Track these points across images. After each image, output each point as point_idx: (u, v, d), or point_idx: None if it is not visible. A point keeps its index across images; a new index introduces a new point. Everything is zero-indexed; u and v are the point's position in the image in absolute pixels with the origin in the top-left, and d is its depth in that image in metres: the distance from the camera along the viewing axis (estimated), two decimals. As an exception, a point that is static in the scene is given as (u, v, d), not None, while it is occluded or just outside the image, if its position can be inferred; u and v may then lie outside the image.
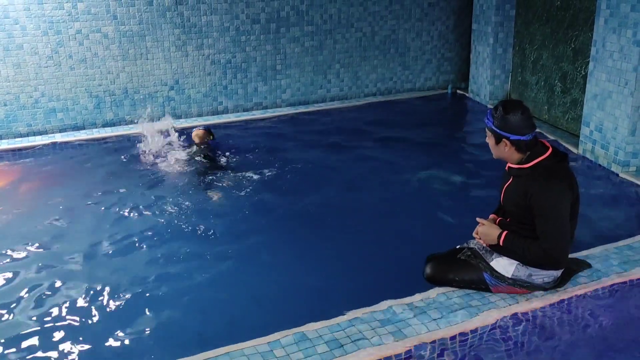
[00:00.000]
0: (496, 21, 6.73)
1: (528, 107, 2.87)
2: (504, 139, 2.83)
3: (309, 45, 6.96)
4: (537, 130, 5.57)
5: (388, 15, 7.22)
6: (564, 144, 5.54)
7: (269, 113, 6.81)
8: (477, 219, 3.08)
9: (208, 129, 5.78)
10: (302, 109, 6.94)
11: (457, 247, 3.28)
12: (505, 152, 2.88)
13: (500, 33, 6.79)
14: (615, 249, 3.52)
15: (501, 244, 2.95)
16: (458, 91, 7.69)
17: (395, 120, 6.61)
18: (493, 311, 2.93)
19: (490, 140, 2.93)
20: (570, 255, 3.27)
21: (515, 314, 2.93)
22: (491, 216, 3.18)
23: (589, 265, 3.28)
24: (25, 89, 5.92)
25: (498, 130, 2.82)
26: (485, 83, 7.07)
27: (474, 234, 3.09)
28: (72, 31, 5.92)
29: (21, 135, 6.00)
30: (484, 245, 3.09)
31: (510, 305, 2.98)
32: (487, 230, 3.00)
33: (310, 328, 2.85)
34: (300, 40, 6.89)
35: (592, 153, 5.15)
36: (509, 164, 2.96)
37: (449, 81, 7.84)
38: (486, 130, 2.93)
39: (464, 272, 3.10)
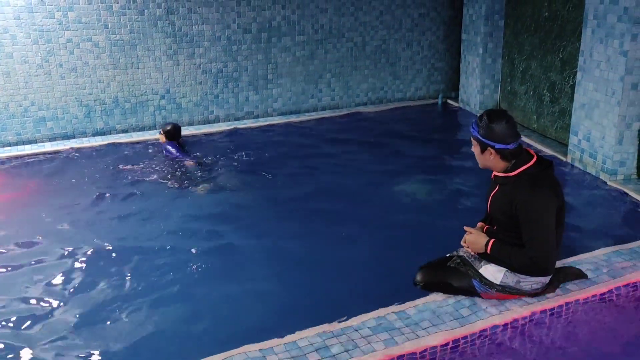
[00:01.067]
0: (485, 31, 6.81)
1: (512, 117, 2.91)
2: (489, 148, 2.86)
3: (300, 55, 6.99)
4: (526, 139, 5.58)
5: (379, 25, 7.28)
6: (553, 152, 5.59)
7: (260, 122, 6.82)
8: (465, 228, 3.11)
9: (166, 129, 5.74)
10: (293, 118, 6.96)
11: (447, 255, 3.30)
12: (490, 160, 2.91)
13: (489, 43, 6.86)
14: (604, 256, 3.55)
15: (488, 252, 2.97)
16: (448, 101, 7.75)
17: (386, 129, 6.64)
18: (484, 319, 2.95)
19: (475, 149, 2.96)
20: (560, 263, 3.30)
21: (506, 321, 2.94)
22: (479, 224, 3.20)
23: (585, 276, 3.29)
24: (15, 98, 5.89)
25: (483, 139, 2.86)
26: (475, 92, 7.13)
27: (462, 242, 3.11)
28: (62, 40, 5.91)
29: (10, 144, 5.96)
30: (472, 253, 3.11)
31: (501, 312, 2.99)
32: (474, 239, 3.03)
33: (303, 335, 2.84)
34: (291, 49, 6.92)
35: (581, 162, 5.20)
36: (494, 173, 2.99)
37: (439, 91, 7.90)
38: (472, 139, 2.97)
39: (453, 279, 3.13)
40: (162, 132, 5.72)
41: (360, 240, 4.04)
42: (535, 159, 2.88)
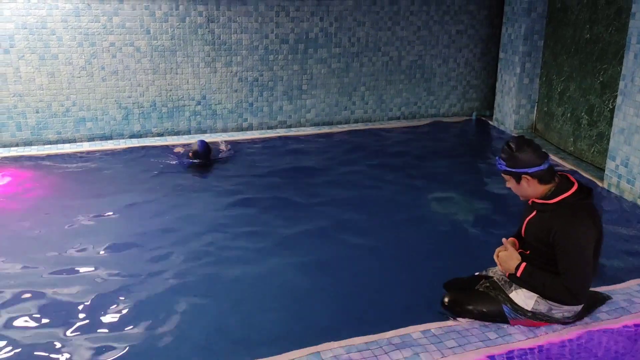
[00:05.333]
0: (524, 51, 6.74)
1: (531, 139, 2.88)
2: (523, 176, 2.81)
3: (335, 67, 7.04)
4: (562, 161, 5.47)
5: (416, 40, 7.28)
6: (589, 177, 5.48)
7: (293, 132, 6.87)
8: (503, 240, 3.03)
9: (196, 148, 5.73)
10: (325, 129, 7.00)
11: (476, 274, 3.26)
12: (529, 188, 2.85)
13: (527, 63, 6.79)
14: (638, 286, 3.46)
15: (518, 275, 2.91)
16: (483, 119, 7.68)
17: (418, 145, 6.61)
18: (510, 343, 2.90)
19: (510, 183, 2.91)
20: (591, 289, 3.22)
21: (533, 347, 2.88)
22: (511, 239, 3.12)
23: (608, 297, 3.23)
24: (58, 98, 6.08)
25: (514, 170, 2.81)
26: (511, 112, 7.05)
27: (494, 257, 3.04)
28: (106, 44, 6.08)
29: (50, 143, 6.14)
30: (502, 272, 3.05)
31: (528, 338, 2.93)
32: (508, 257, 2.95)
33: (326, 348, 2.84)
34: (327, 61, 6.98)
35: (618, 187, 5.08)
36: (532, 199, 2.93)
37: (473, 108, 7.84)
38: (503, 176, 2.92)
39: (482, 304, 3.06)
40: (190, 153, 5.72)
41: (388, 255, 4.03)
42: (576, 187, 2.82)
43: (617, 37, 5.41)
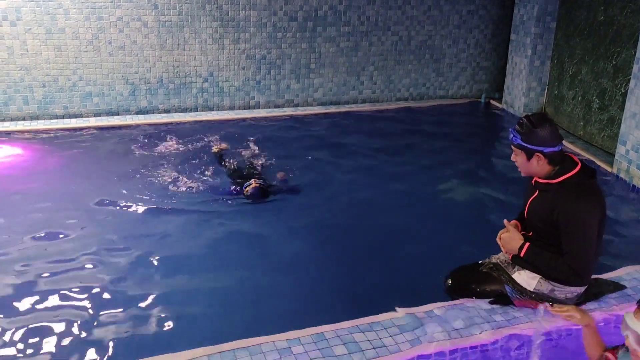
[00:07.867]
0: (536, 33, 6.63)
1: (551, 118, 2.83)
2: (536, 154, 2.76)
3: (344, 46, 6.96)
4: (571, 146, 5.42)
5: (426, 20, 7.17)
6: (598, 161, 5.43)
7: (300, 111, 6.82)
8: (505, 222, 3.01)
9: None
10: (332, 109, 6.94)
11: (480, 261, 3.24)
12: (537, 167, 2.81)
13: (539, 45, 6.68)
14: (646, 272, 3.44)
15: (522, 255, 2.89)
16: (491, 101, 7.60)
17: (425, 127, 6.55)
18: (516, 326, 2.89)
19: (519, 157, 2.84)
20: (601, 276, 3.21)
21: (537, 330, 2.88)
22: (513, 222, 3.10)
23: (623, 287, 3.21)
24: (65, 72, 6.04)
25: (530, 146, 2.75)
26: (520, 95, 6.96)
27: (497, 239, 3.02)
28: (113, 18, 6.02)
29: (57, 117, 6.13)
30: (505, 255, 3.04)
31: (532, 321, 2.93)
32: (510, 238, 2.92)
33: (330, 329, 2.84)
34: (336, 40, 6.89)
35: (627, 173, 5.03)
36: (535, 178, 2.90)
37: (482, 90, 7.75)
38: (513, 148, 2.85)
39: (485, 283, 3.07)
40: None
41: (392, 238, 4.02)
42: (579, 166, 2.79)
43: (632, 19, 5.30)
